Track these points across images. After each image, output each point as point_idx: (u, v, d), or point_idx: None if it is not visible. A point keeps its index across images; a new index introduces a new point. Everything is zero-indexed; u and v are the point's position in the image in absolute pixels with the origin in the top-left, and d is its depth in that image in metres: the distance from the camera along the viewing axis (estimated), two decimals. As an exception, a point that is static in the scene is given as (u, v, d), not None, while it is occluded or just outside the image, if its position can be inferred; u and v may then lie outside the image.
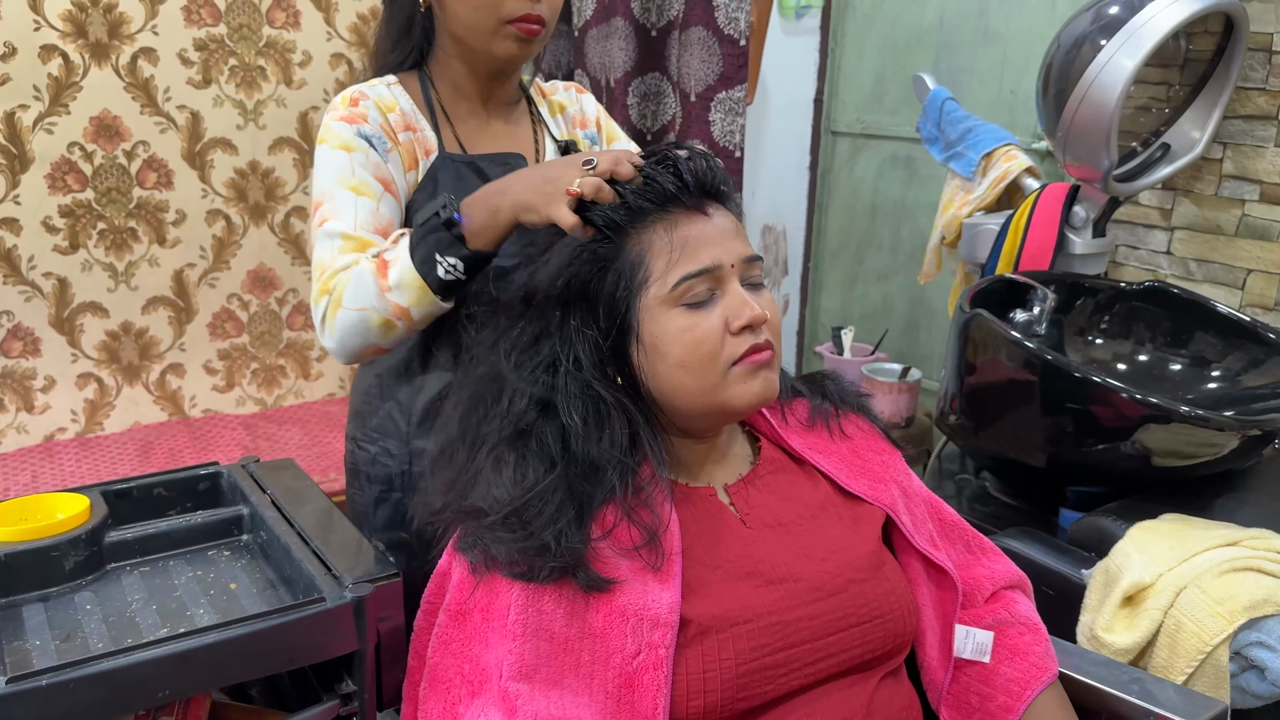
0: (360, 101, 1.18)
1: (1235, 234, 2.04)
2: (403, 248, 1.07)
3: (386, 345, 1.12)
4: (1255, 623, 1.25)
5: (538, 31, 1.17)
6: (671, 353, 0.92)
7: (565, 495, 0.90)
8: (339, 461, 2.08)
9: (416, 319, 1.08)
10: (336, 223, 1.12)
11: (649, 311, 0.93)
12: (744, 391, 0.93)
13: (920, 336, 2.89)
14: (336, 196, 1.13)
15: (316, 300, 1.11)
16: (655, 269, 0.93)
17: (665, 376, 0.93)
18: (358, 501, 1.31)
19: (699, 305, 0.92)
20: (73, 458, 2.07)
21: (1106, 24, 1.80)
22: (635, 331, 0.94)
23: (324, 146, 1.16)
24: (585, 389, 0.93)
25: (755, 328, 0.92)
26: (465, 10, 1.16)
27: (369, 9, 2.33)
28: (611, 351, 0.95)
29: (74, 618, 1.01)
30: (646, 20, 2.15)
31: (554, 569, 0.86)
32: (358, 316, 1.08)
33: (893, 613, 0.97)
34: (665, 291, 0.92)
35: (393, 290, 1.06)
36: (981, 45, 2.59)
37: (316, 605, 0.93)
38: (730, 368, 0.92)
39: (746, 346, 0.92)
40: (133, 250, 2.18)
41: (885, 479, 1.06)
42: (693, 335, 0.92)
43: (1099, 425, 1.52)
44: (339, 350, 1.11)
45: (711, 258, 0.93)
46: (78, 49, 2.04)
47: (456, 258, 1.05)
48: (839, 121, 3.04)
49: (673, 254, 0.92)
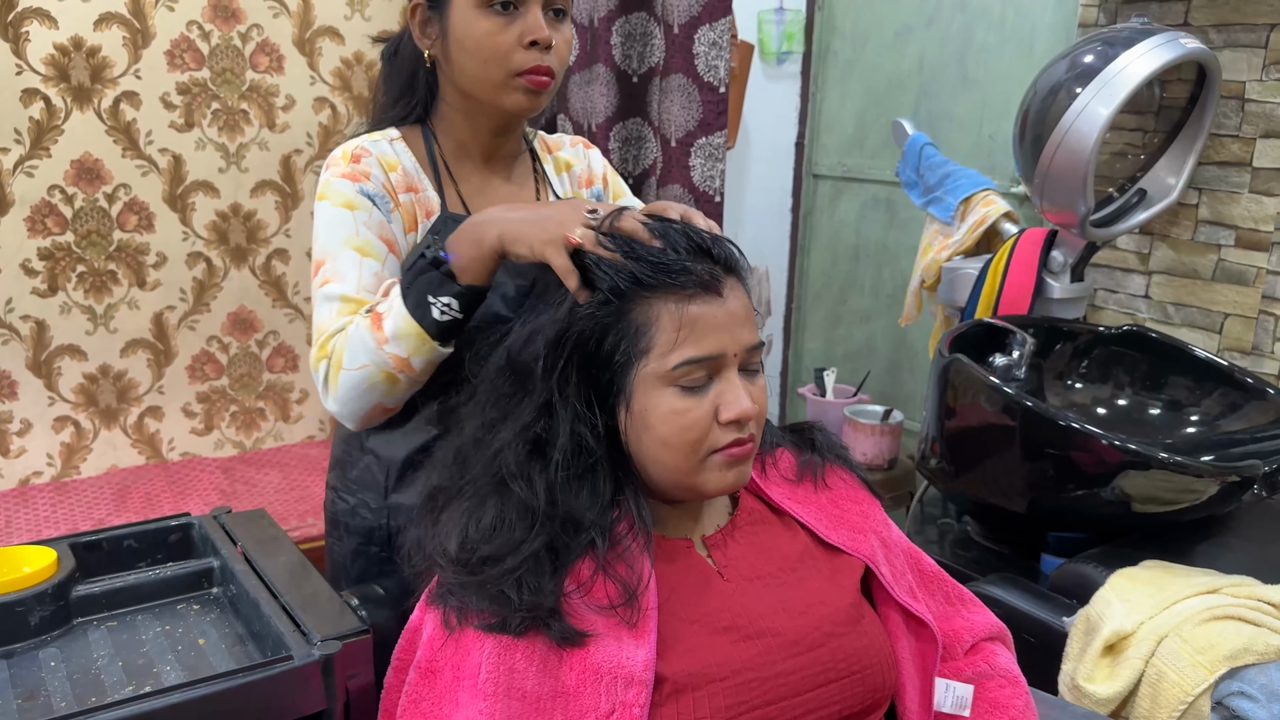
0: (363, 158, 1.15)
1: (1212, 278, 2.06)
2: (395, 296, 1.04)
3: (392, 404, 1.09)
4: (1236, 672, 1.25)
5: (547, 83, 1.15)
6: (657, 429, 0.91)
7: (543, 544, 0.89)
8: (317, 506, 2.07)
9: (418, 369, 1.05)
10: (338, 285, 1.09)
11: (644, 382, 0.91)
12: (717, 480, 0.92)
13: (903, 378, 2.90)
14: (339, 256, 1.11)
15: (316, 366, 1.09)
16: (658, 343, 0.90)
17: (647, 447, 0.92)
18: (336, 551, 1.29)
19: (694, 389, 0.91)
20: (47, 503, 2.05)
21: (1082, 72, 1.82)
22: (626, 396, 0.92)
23: (325, 203, 1.13)
24: (574, 441, 0.93)
25: (743, 423, 0.92)
26: (473, 64, 1.14)
27: (353, 54, 2.35)
28: (600, 408, 0.94)
29: (38, 675, 0.99)
30: (628, 67, 2.17)
31: (526, 619, 0.85)
32: (359, 375, 1.05)
33: (872, 667, 0.96)
34: (664, 369, 0.90)
35: (390, 342, 1.03)
36: (960, 91, 2.62)
37: (284, 664, 0.91)
38: (710, 455, 0.91)
39: (730, 439, 0.91)
40: (112, 293, 2.17)
41: (864, 529, 1.05)
42: (681, 421, 0.90)
43: (1079, 471, 1.52)
44: (345, 414, 1.08)
45: (717, 345, 0.91)
46: (60, 92, 2.04)
47: (450, 296, 1.02)
48: (820, 164, 3.07)
49: (679, 332, 0.90)
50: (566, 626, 0.86)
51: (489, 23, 1.12)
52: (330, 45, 2.32)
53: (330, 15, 2.30)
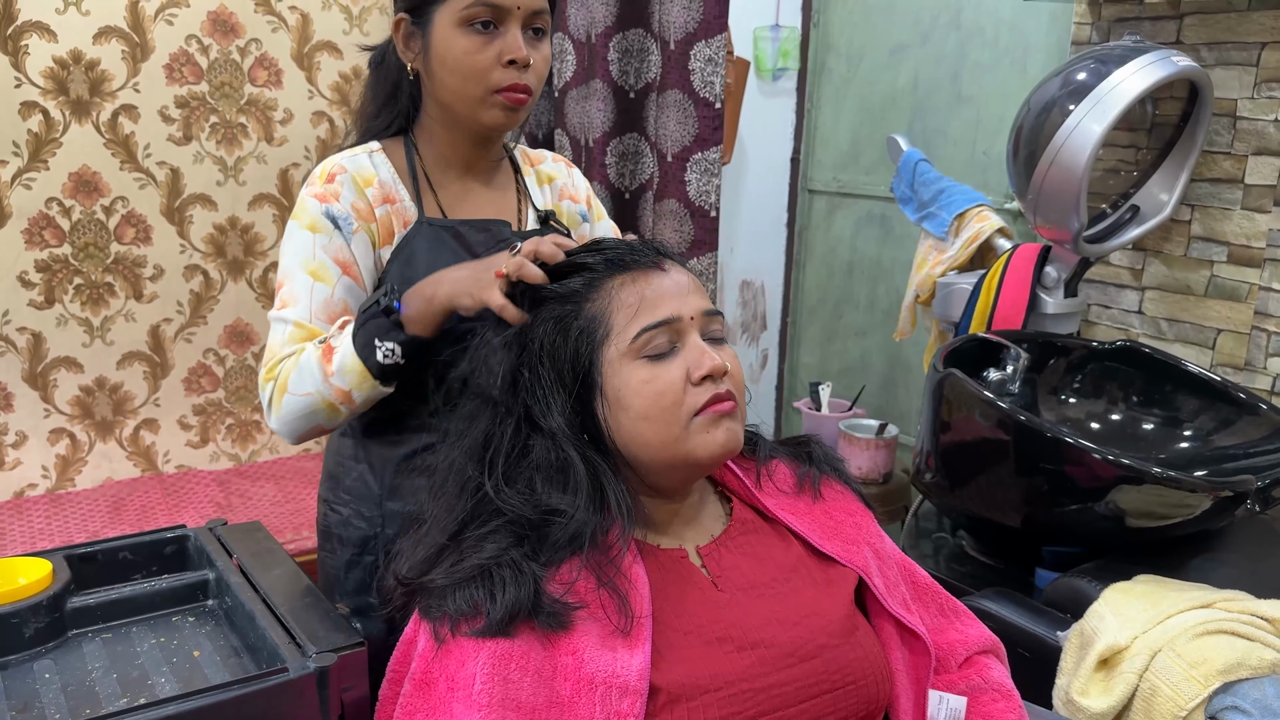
0: (336, 177, 1.19)
1: (1205, 294, 2.07)
2: (346, 334, 1.11)
3: (329, 427, 1.16)
4: (1230, 686, 1.25)
5: (524, 100, 1.18)
6: (634, 405, 0.93)
7: (519, 537, 0.91)
8: (312, 519, 2.05)
9: (358, 402, 1.12)
10: (292, 309, 1.16)
11: (611, 365, 0.94)
12: (707, 442, 0.93)
13: (897, 393, 2.90)
14: (295, 279, 1.17)
15: (263, 385, 1.16)
16: (616, 323, 0.95)
17: (629, 429, 0.94)
18: (329, 564, 1.30)
19: (660, 357, 0.94)
20: (42, 515, 2.04)
21: (1075, 89, 1.84)
22: (599, 386, 0.95)
23: (295, 223, 1.18)
24: (553, 447, 0.94)
25: (716, 378, 0.93)
26: (453, 79, 1.17)
27: (351, 68, 2.36)
28: (578, 409, 0.96)
29: (32, 687, 0.99)
30: (625, 83, 2.18)
31: (509, 607, 0.85)
32: (303, 401, 1.12)
33: (866, 678, 0.96)
34: (626, 344, 0.93)
35: (335, 375, 1.10)
36: (955, 108, 2.64)
37: (279, 675, 0.91)
38: (692, 418, 0.93)
39: (708, 396, 0.93)
40: (109, 305, 2.17)
41: (858, 540, 1.06)
42: (653, 387, 0.92)
43: (1073, 486, 1.52)
44: (284, 432, 1.16)
45: (670, 310, 0.95)
46: (58, 105, 2.05)
47: (394, 343, 1.09)
48: (815, 180, 3.08)
49: (631, 308, 0.94)
50: (553, 602, 0.86)
51: (469, 41, 1.15)
52: (329, 60, 2.33)
53: (329, 30, 2.31)
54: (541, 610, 0.86)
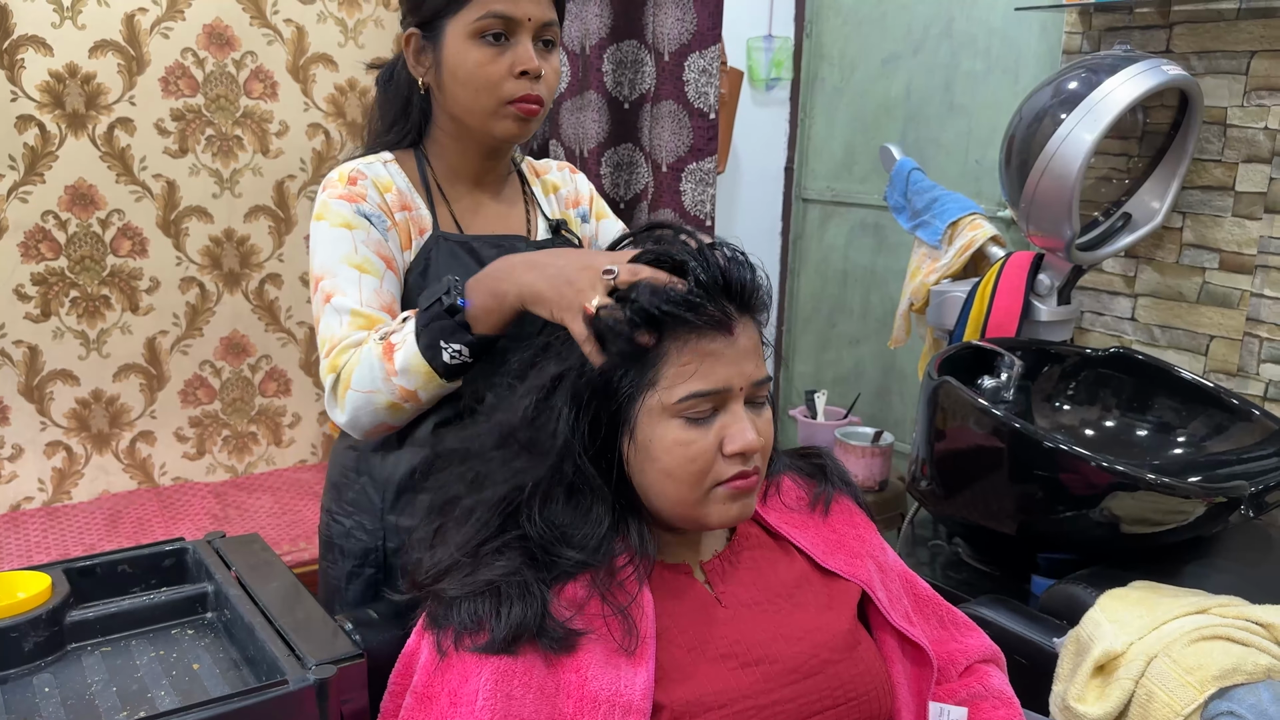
0: (359, 180, 1.18)
1: (1197, 301, 2.08)
2: (408, 332, 1.07)
3: (396, 423, 1.13)
4: (1226, 692, 1.25)
5: (536, 111, 1.19)
6: (662, 460, 0.91)
7: (530, 554, 0.90)
8: (310, 530, 2.06)
9: (424, 400, 1.10)
10: (343, 299, 1.13)
11: (649, 413, 0.91)
12: (721, 512, 0.93)
13: (892, 400, 2.91)
14: (339, 273, 1.14)
15: (325, 375, 1.12)
16: (665, 375, 0.90)
17: (650, 478, 0.93)
18: (330, 575, 1.30)
19: (698, 421, 0.91)
20: (39, 527, 2.04)
21: (1066, 98, 1.85)
22: (631, 426, 0.92)
23: (323, 224, 1.16)
24: (575, 468, 0.93)
25: (748, 455, 0.92)
26: (465, 92, 1.17)
27: (346, 81, 2.36)
28: (604, 435, 0.94)
29: (31, 701, 0.99)
30: (619, 94, 2.19)
31: (514, 627, 0.85)
32: (366, 398, 1.09)
33: (869, 693, 0.97)
34: (670, 401, 0.90)
35: (399, 375, 1.07)
36: (947, 117, 2.65)
37: (278, 688, 0.91)
38: (714, 487, 0.92)
39: (735, 471, 0.91)
40: (105, 318, 2.17)
41: (861, 554, 1.06)
42: (686, 452, 0.90)
43: (1067, 493, 1.53)
44: (351, 427, 1.13)
45: (723, 379, 0.91)
46: (55, 119, 2.05)
47: (461, 344, 1.05)
48: (809, 189, 3.10)
49: (687, 366, 0.90)
50: (557, 626, 0.86)
51: (480, 53, 1.15)
52: (324, 72, 2.34)
53: (324, 43, 2.32)
54: (545, 633, 0.86)
